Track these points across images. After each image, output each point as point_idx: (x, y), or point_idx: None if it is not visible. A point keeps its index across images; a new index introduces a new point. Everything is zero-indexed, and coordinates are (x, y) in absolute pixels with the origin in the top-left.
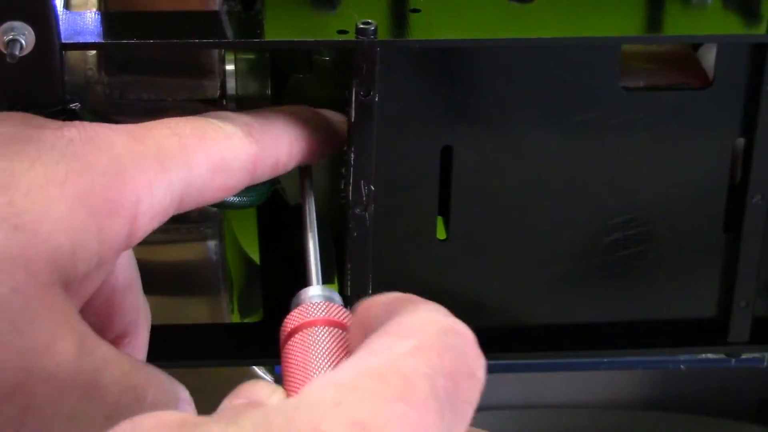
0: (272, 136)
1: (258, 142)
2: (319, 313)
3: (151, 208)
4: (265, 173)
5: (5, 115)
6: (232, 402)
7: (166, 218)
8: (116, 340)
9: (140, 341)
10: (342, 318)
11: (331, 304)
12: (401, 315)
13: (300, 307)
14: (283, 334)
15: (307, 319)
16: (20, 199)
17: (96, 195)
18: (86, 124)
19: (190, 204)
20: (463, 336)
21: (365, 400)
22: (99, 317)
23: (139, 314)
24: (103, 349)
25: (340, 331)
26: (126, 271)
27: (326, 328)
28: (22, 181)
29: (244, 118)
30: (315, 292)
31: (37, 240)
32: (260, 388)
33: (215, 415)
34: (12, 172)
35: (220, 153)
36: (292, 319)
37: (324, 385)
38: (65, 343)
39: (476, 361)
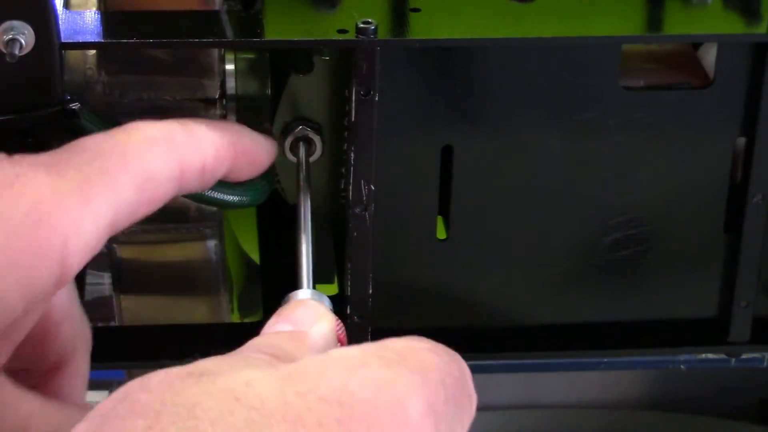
0: (195, 138)
1: (181, 145)
2: (330, 313)
3: (81, 246)
4: (194, 179)
5: None
6: (275, 327)
7: (98, 249)
8: (53, 369)
9: (79, 369)
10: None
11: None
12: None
13: None
14: None
15: None
16: None
17: (18, 243)
18: (5, 164)
19: (122, 226)
20: (464, 365)
21: (389, 366)
22: (33, 349)
23: (76, 341)
24: (27, 404)
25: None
26: (61, 302)
27: (335, 329)
28: None
29: (165, 124)
30: (304, 295)
31: None
32: (306, 312)
33: (252, 344)
34: None
35: (143, 167)
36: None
37: (350, 349)
38: (39, 425)
39: (472, 389)
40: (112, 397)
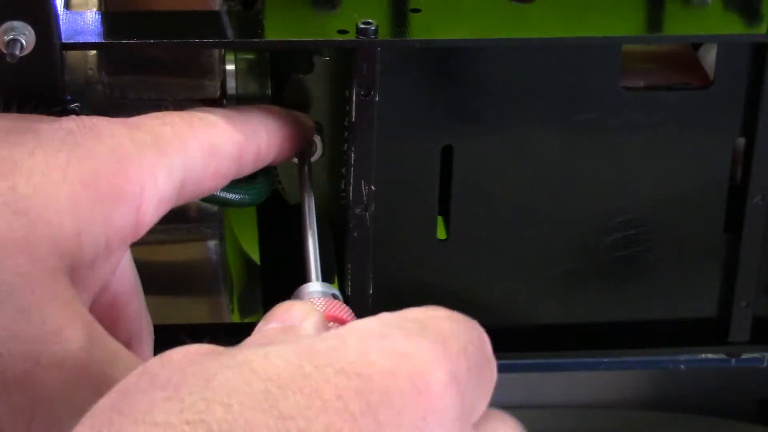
0: (251, 126)
1: (240, 131)
2: (318, 309)
3: (156, 195)
4: (249, 162)
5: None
6: (266, 326)
7: (169, 207)
8: None
9: (144, 353)
10: (342, 314)
11: (331, 300)
12: None
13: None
14: None
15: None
16: (23, 184)
17: (100, 181)
18: (84, 116)
19: (189, 193)
20: (482, 331)
21: (410, 337)
22: (103, 323)
23: (142, 325)
24: (113, 343)
25: (340, 326)
26: (129, 278)
27: (328, 323)
28: (23, 168)
29: (223, 111)
30: (314, 288)
31: (40, 225)
32: (295, 311)
33: (248, 341)
34: (12, 159)
35: (209, 139)
36: None
37: (369, 321)
38: (74, 331)
39: (492, 354)
40: (133, 373)
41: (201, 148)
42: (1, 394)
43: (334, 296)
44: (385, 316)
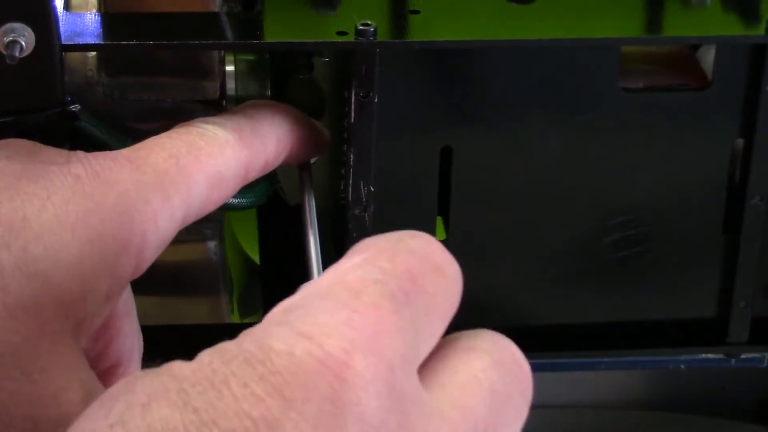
0: (261, 137)
1: (248, 146)
2: None
3: (157, 239)
4: (255, 175)
5: (9, 145)
6: None
7: (169, 242)
8: (111, 369)
9: (134, 370)
10: None
11: None
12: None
13: None
14: None
15: None
16: (33, 244)
17: (106, 236)
18: (89, 157)
19: (191, 221)
20: (422, 237)
21: (309, 315)
22: (96, 344)
23: (134, 343)
24: (90, 377)
25: None
26: (123, 301)
27: None
28: (33, 225)
29: (233, 121)
30: None
31: (49, 288)
32: None
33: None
34: (24, 214)
35: (216, 167)
36: None
37: (272, 311)
38: (73, 393)
39: (440, 256)
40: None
41: (207, 180)
42: None
43: None
44: (291, 299)
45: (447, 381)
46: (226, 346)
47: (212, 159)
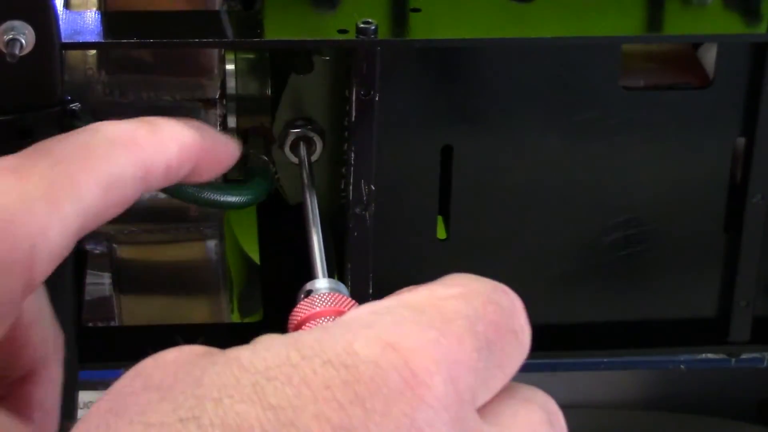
0: (160, 138)
1: (144, 147)
2: (326, 304)
3: (48, 253)
4: (158, 178)
5: None
6: None
7: (66, 254)
8: (26, 378)
9: (52, 376)
10: (350, 309)
11: (339, 295)
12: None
13: (307, 299)
14: (290, 327)
15: (315, 311)
16: None
17: None
18: None
19: (90, 228)
20: (511, 297)
21: (399, 324)
22: (2, 357)
23: (47, 348)
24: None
25: None
26: (30, 307)
27: (335, 318)
28: None
29: (130, 123)
30: (322, 284)
31: None
32: None
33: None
34: None
35: (109, 169)
36: (300, 311)
37: (358, 311)
38: None
39: (521, 321)
40: (126, 375)
41: (99, 183)
42: None
43: (342, 291)
44: (380, 303)
45: (508, 423)
46: (304, 340)
47: (103, 162)
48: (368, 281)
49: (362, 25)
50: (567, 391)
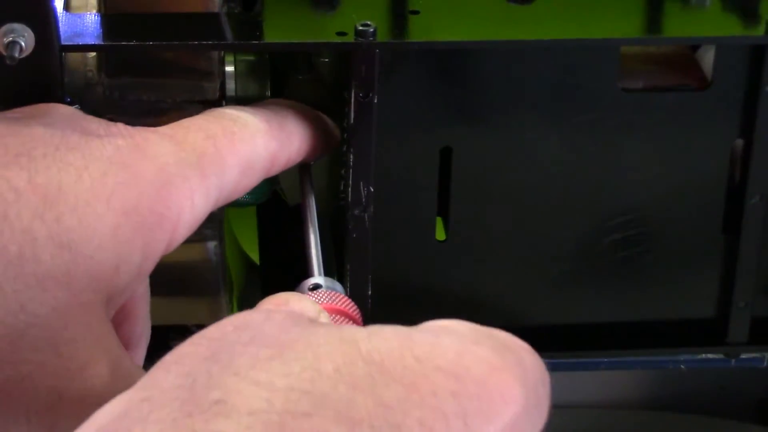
0: (287, 133)
1: (276, 139)
2: (322, 302)
3: (190, 218)
4: (277, 170)
5: (50, 111)
6: (276, 306)
7: (200, 223)
8: (126, 314)
9: (139, 356)
10: (346, 306)
11: (335, 293)
12: None
13: (313, 293)
14: None
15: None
16: (67, 215)
17: (142, 208)
18: (130, 129)
19: (222, 203)
20: (547, 377)
21: (501, 353)
22: (119, 321)
23: (143, 328)
24: (138, 374)
25: (345, 318)
26: (144, 284)
27: (331, 315)
28: (69, 196)
29: (262, 113)
30: (318, 281)
31: (81, 259)
32: (306, 304)
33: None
34: (59, 184)
35: (248, 155)
36: None
37: (458, 324)
38: (100, 367)
39: (548, 399)
40: (226, 323)
41: (239, 165)
42: (23, 424)
43: (337, 289)
44: (473, 325)
45: None
46: (417, 341)
47: (245, 145)
48: (367, 282)
49: (361, 28)
50: (567, 391)
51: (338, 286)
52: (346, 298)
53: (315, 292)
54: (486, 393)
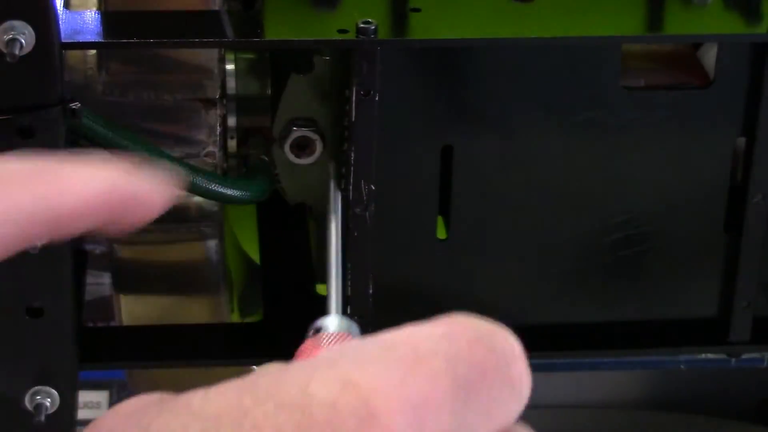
0: (60, 183)
1: (33, 189)
2: (331, 344)
3: None
4: (46, 226)
5: None
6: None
7: None
8: None
9: None
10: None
11: (347, 335)
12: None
13: (315, 337)
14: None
15: (318, 350)
16: None
17: None
18: None
19: None
20: (511, 343)
21: (365, 363)
22: None
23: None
24: None
25: None
26: None
27: None
28: None
29: (35, 162)
30: (333, 321)
31: None
32: (270, 365)
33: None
34: None
35: None
36: (306, 350)
37: (328, 351)
38: None
39: (519, 369)
40: (87, 427)
41: None
42: None
43: (353, 331)
44: (354, 341)
45: None
46: (259, 382)
47: None
48: (368, 281)
49: (362, 25)
50: (567, 391)
51: (354, 326)
52: (353, 339)
53: (326, 334)
54: (336, 416)
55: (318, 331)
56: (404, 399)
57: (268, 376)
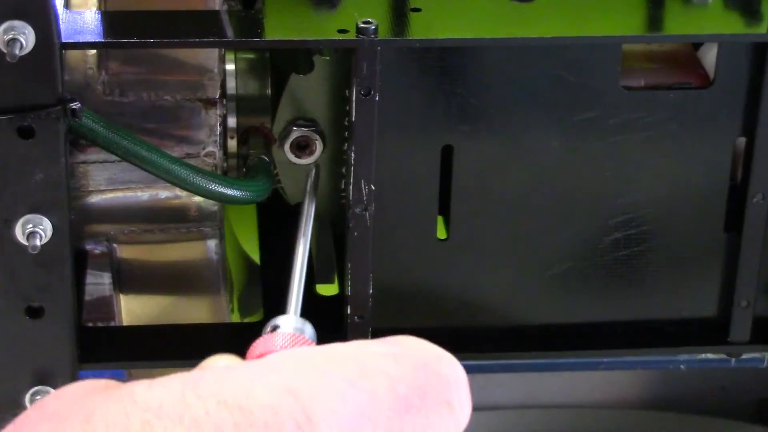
0: None
1: None
2: (284, 344)
3: None
4: None
5: None
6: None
7: None
8: None
9: None
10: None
11: (299, 336)
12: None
13: (269, 335)
14: (249, 358)
15: (271, 349)
16: None
17: None
18: None
19: None
20: (455, 370)
21: (307, 372)
22: None
23: None
24: None
25: None
26: None
27: None
28: None
29: None
30: (287, 321)
31: None
32: (218, 357)
33: None
34: None
35: None
36: (258, 346)
37: (275, 355)
38: None
39: (459, 396)
40: (32, 406)
41: None
42: None
43: (306, 332)
44: (302, 349)
45: None
46: (204, 379)
47: None
48: (368, 281)
49: (362, 25)
50: (567, 391)
51: (308, 327)
52: (311, 341)
53: (272, 334)
54: (275, 419)
55: (274, 329)
56: (343, 410)
57: (214, 373)
